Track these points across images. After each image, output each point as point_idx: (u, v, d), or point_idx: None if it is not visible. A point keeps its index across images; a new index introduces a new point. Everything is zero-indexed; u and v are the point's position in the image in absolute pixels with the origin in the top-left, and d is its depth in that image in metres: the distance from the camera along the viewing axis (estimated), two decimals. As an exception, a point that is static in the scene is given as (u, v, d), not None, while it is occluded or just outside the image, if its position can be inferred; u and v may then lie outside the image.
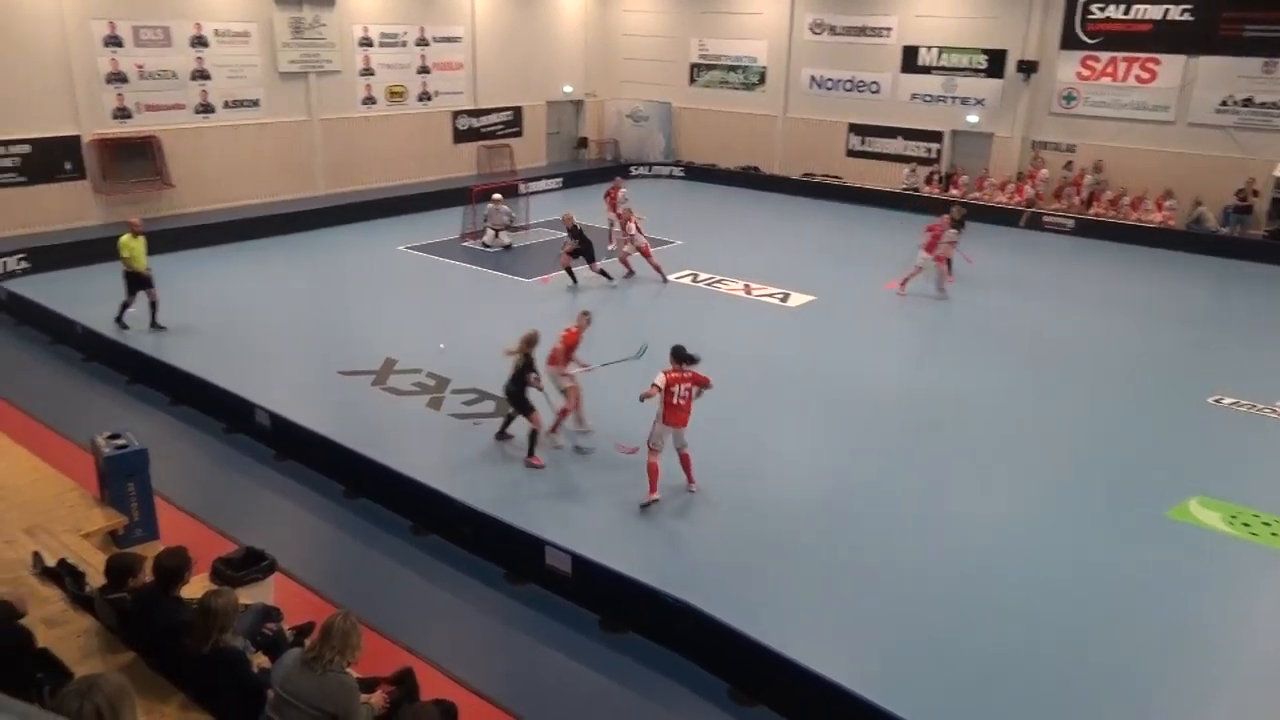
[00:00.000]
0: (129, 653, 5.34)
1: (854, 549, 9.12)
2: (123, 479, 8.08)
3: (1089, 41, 23.85)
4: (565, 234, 17.94)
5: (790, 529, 9.48)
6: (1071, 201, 24.14)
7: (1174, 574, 8.94)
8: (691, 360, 9.70)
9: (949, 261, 17.64)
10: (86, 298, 15.45)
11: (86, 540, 7.43)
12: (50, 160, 20.17)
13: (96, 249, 17.49)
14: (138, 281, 14.44)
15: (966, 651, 7.66)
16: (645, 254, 18.22)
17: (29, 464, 8.61)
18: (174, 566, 5.42)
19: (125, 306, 14.51)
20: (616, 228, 20.02)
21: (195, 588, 5.78)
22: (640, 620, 7.69)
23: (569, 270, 17.74)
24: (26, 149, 19.79)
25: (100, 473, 8.25)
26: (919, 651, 7.65)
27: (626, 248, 18.43)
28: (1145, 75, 23.26)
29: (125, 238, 14.29)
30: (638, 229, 18.25)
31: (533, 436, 10.63)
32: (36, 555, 6.28)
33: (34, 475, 8.38)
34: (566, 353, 11.22)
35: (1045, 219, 23.81)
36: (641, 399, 9.61)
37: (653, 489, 9.64)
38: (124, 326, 14.45)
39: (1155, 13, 22.77)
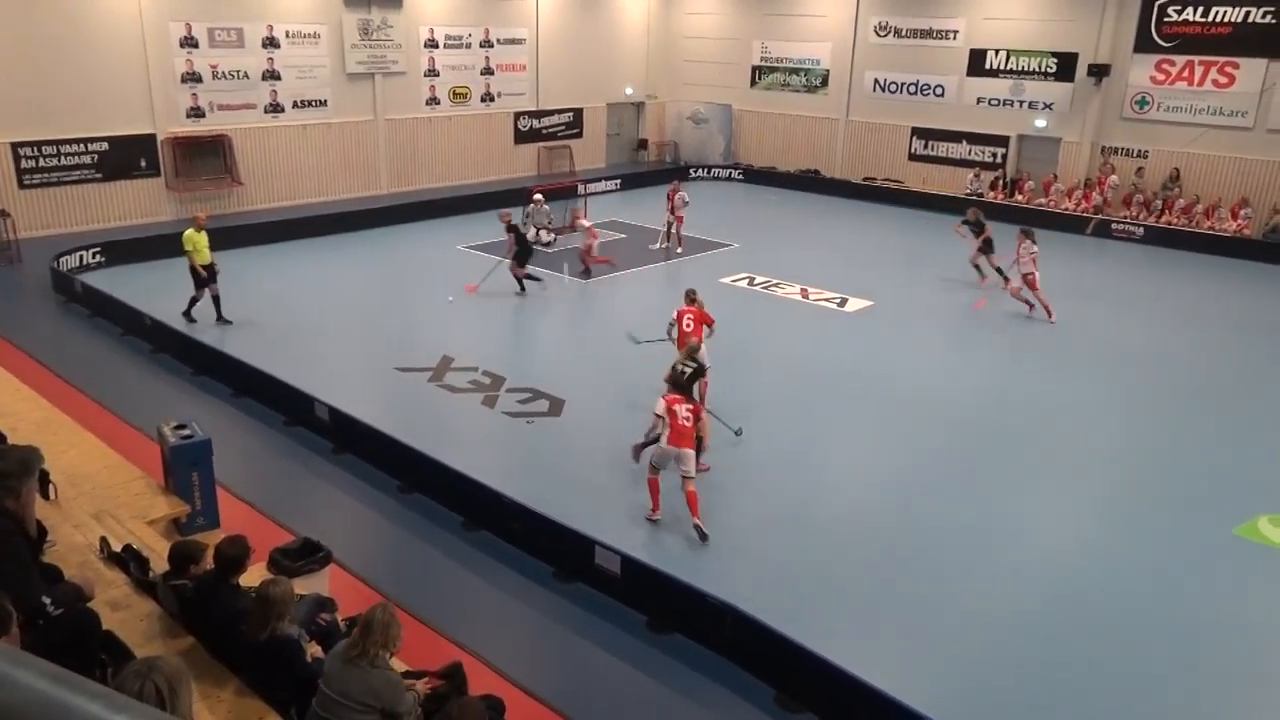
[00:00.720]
0: (189, 638, 5.47)
1: (909, 560, 8.98)
2: (187, 468, 8.31)
3: (1164, 45, 23.19)
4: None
5: (844, 538, 9.38)
6: (1142, 209, 23.47)
7: (1238, 591, 8.66)
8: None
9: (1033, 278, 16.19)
10: (156, 291, 15.90)
11: (151, 527, 7.65)
12: (126, 158, 20.85)
13: (168, 244, 17.96)
14: (193, 273, 14.81)
15: (1020, 664, 7.51)
16: (586, 251, 17.83)
17: (98, 451, 8.89)
18: (235, 555, 5.55)
19: (194, 301, 14.91)
20: (674, 229, 20.13)
21: (252, 576, 5.92)
22: (687, 622, 7.68)
23: (518, 278, 16.90)
24: (104, 147, 20.49)
25: (165, 461, 8.49)
26: (972, 664, 7.52)
27: (591, 241, 18.14)
28: (1223, 79, 22.54)
29: (189, 232, 14.68)
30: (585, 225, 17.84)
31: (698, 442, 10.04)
32: (103, 540, 6.47)
33: (103, 462, 8.64)
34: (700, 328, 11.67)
35: (1114, 226, 23.22)
36: (652, 438, 9.61)
37: (655, 507, 9.46)
38: (191, 320, 14.83)
39: (1235, 15, 22.04)
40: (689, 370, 10.22)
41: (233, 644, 5.24)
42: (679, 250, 20.06)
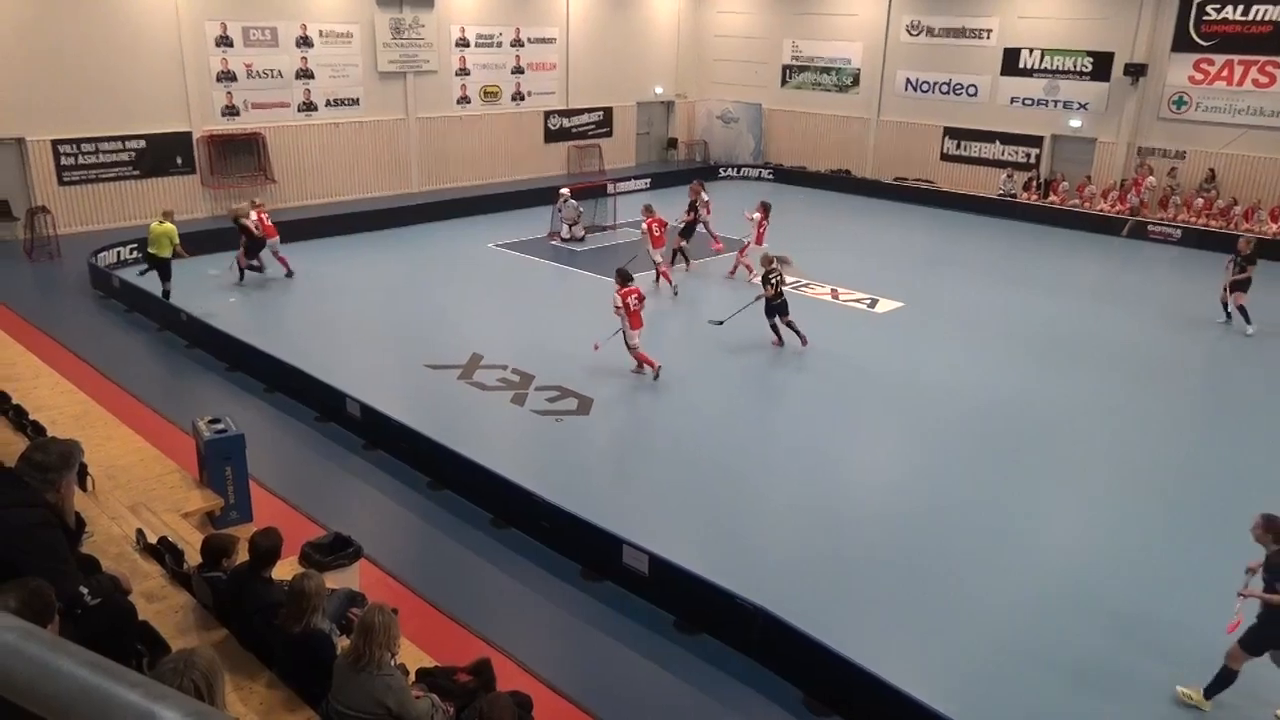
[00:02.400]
0: (222, 629, 5.53)
1: (937, 564, 8.90)
2: (221, 462, 8.41)
3: (1203, 44, 22.83)
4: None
5: (872, 541, 9.32)
6: (1181, 210, 23.10)
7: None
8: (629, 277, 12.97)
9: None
10: (191, 287, 16.10)
11: (185, 520, 7.75)
12: (163, 155, 21.14)
13: (202, 240, 18.19)
14: (165, 264, 15.42)
15: (1052, 675, 7.41)
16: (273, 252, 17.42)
17: (135, 445, 9.03)
18: (269, 547, 5.61)
19: (167, 292, 15.49)
20: (708, 227, 20.01)
21: (283, 570, 5.98)
22: (715, 623, 7.66)
23: (242, 268, 17.04)
24: (141, 145, 20.78)
25: (200, 455, 8.61)
26: (1007, 671, 7.43)
27: None
28: (1264, 79, 22.13)
29: (170, 226, 15.29)
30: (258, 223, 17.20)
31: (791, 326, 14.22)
32: (139, 532, 6.56)
33: (139, 456, 8.78)
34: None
35: (1150, 228, 22.89)
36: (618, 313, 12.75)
37: (651, 364, 12.91)
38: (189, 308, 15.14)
39: (1276, 14, 21.64)
40: (777, 273, 14.01)
41: (265, 636, 5.29)
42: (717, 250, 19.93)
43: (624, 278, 12.90)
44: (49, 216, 18.88)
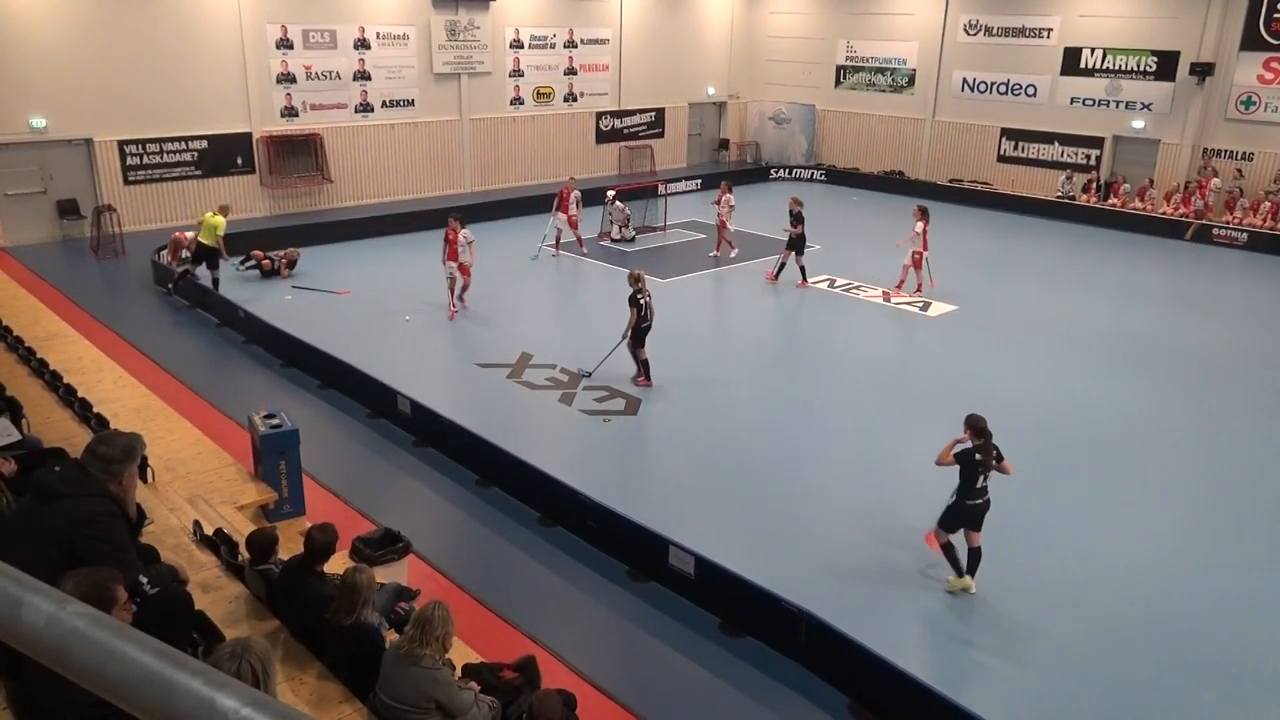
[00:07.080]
0: (274, 621, 5.64)
1: (992, 576, 8.75)
2: (275, 456, 8.57)
3: (1274, 42, 22.15)
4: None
5: (921, 546, 9.19)
6: (1248, 213, 22.43)
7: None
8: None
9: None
10: (250, 285, 16.42)
11: (240, 512, 7.92)
12: (224, 155, 21.61)
13: (261, 239, 18.60)
14: (213, 254, 15.76)
15: (1108, 690, 7.25)
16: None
17: (193, 438, 9.25)
18: (326, 542, 5.72)
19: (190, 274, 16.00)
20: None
21: (334, 564, 6.08)
22: (760, 626, 7.63)
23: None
24: (204, 145, 21.27)
25: (255, 449, 8.78)
26: (1064, 687, 7.29)
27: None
28: (1337, 79, 21.44)
29: (213, 217, 15.65)
30: None
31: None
32: (196, 524, 6.72)
33: (197, 449, 8.99)
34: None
35: (1215, 232, 22.29)
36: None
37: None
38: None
39: (1351, 11, 20.98)
40: (646, 293, 12.80)
41: (316, 628, 5.39)
42: (732, 254, 19.82)
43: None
44: (114, 215, 19.40)
